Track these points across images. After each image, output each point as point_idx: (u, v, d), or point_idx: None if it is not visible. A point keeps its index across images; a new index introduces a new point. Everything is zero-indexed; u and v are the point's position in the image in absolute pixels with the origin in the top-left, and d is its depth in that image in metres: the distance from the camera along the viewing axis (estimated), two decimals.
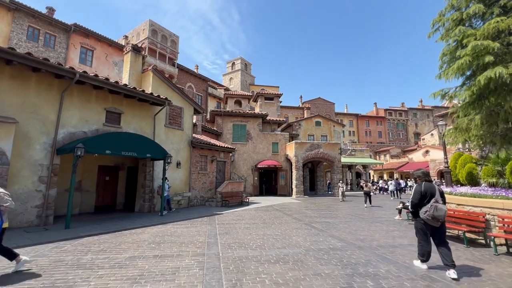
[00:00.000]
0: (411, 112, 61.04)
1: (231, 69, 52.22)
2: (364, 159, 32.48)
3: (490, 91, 7.89)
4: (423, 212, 4.44)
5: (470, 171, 13.09)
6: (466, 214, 7.56)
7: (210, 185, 15.41)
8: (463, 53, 7.69)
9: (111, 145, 9.01)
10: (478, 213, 7.14)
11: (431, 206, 4.37)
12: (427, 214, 4.37)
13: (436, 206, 4.35)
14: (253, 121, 23.41)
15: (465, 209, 7.91)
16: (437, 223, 4.38)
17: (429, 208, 4.37)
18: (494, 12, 7.99)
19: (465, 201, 8.03)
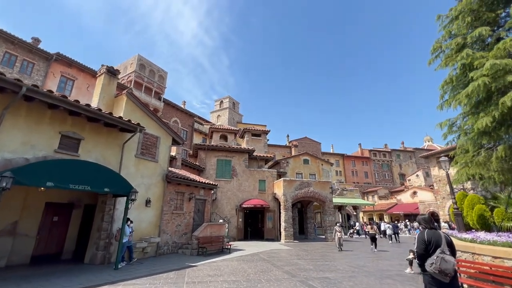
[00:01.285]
0: (395, 154, 61.76)
1: (219, 107, 52.14)
2: (355, 199, 30.83)
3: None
4: (429, 264, 3.87)
5: (481, 213, 11.62)
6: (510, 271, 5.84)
7: (186, 228, 13.00)
8: (478, 74, 6.79)
9: (57, 176, 7.01)
10: None
11: (437, 257, 3.83)
12: (433, 267, 3.79)
13: (443, 257, 3.79)
14: (239, 157, 21.80)
15: (505, 264, 6.20)
16: (446, 278, 3.72)
17: (435, 260, 3.82)
18: (500, 35, 7.42)
19: (506, 253, 6.36)
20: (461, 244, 7.92)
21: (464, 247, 7.68)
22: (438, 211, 34.31)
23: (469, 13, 8.15)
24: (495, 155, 7.45)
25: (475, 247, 7.22)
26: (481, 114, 7.34)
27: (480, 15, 8.08)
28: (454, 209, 11.34)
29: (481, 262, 6.80)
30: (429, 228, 4.19)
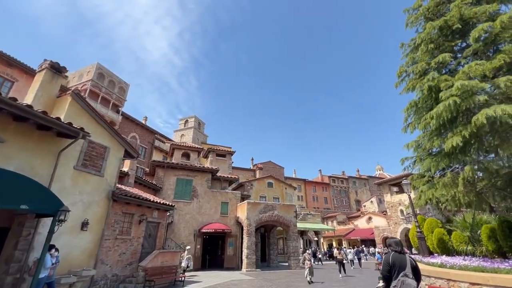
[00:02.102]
0: (351, 180, 64.68)
1: (183, 126, 50.05)
2: (317, 224, 30.54)
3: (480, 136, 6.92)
4: (392, 287, 4.00)
5: (440, 237, 11.68)
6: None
7: (132, 257, 10.87)
8: (448, 94, 6.87)
9: None
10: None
11: (398, 280, 3.97)
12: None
13: (404, 280, 3.92)
14: (201, 177, 20.19)
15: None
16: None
17: (397, 283, 3.96)
18: (461, 62, 7.84)
19: (483, 279, 5.99)
20: (433, 270, 7.51)
21: (437, 273, 7.25)
22: (391, 236, 35.67)
23: (430, 42, 8.61)
24: (462, 175, 7.44)
25: (451, 273, 6.82)
26: (449, 134, 7.41)
27: (440, 44, 8.56)
28: (417, 233, 11.25)
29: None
30: (397, 252, 4.30)
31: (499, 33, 7.14)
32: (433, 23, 8.40)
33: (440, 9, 9.47)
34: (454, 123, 7.60)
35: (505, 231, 9.28)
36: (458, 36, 8.49)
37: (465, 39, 8.31)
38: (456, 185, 7.81)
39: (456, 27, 7.93)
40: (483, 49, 7.49)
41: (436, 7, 9.56)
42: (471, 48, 7.55)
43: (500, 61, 6.51)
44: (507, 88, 6.20)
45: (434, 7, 9.58)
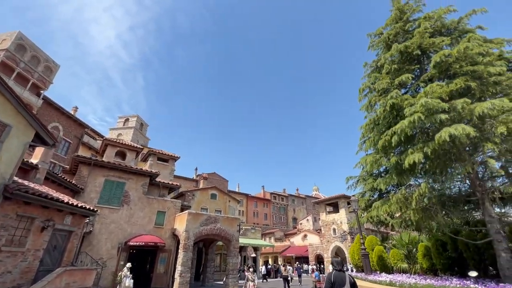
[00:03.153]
0: (291, 198, 66.77)
1: (123, 124, 44.47)
2: (258, 240, 29.55)
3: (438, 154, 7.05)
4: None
5: (380, 254, 11.87)
6: None
7: (22, 277, 7.86)
8: (413, 110, 6.90)
9: None
10: None
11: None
12: None
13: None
14: (137, 180, 17.34)
15: None
16: None
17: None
18: (419, 85, 8.21)
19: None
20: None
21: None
22: (323, 254, 37.02)
23: (392, 63, 8.96)
24: (417, 192, 7.50)
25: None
26: (410, 150, 7.47)
27: (400, 67, 8.96)
28: (362, 250, 11.20)
29: None
30: (337, 270, 4.65)
31: (452, 63, 7.74)
32: (398, 45, 8.80)
33: (397, 39, 10.14)
34: (412, 141, 7.82)
35: (439, 250, 9.76)
36: (415, 62, 9.07)
37: (422, 65, 8.91)
38: (409, 202, 7.88)
39: (416, 53, 8.44)
40: (438, 76, 8.01)
41: (394, 37, 10.23)
42: (429, 73, 8.04)
43: (457, 85, 6.93)
44: (463, 109, 6.52)
45: (393, 36, 10.25)
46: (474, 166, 6.79)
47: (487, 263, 8.13)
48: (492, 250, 8.16)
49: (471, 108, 6.42)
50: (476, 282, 6.74)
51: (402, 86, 8.78)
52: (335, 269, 4.67)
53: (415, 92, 8.51)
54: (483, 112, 6.19)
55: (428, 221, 9.03)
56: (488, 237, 7.60)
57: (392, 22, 10.24)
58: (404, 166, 7.97)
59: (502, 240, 7.23)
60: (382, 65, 9.46)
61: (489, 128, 6.38)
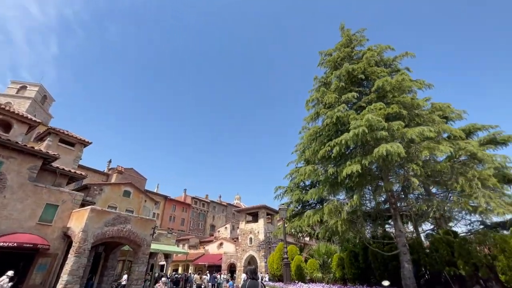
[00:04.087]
0: (212, 205, 65.02)
1: (15, 91, 34.72)
2: (172, 247, 26.84)
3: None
4: None
5: (299, 264, 12.03)
6: None
7: None
8: (358, 124, 7.15)
9: None
10: None
11: None
12: None
13: None
14: (22, 161, 13.17)
15: None
16: None
17: None
18: (361, 105, 8.78)
19: None
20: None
21: None
22: (236, 263, 36.75)
23: (341, 81, 9.45)
24: (350, 203, 7.75)
25: None
26: (348, 162, 7.72)
27: (346, 87, 9.51)
28: (284, 259, 11.06)
29: None
30: (251, 278, 4.76)
31: (388, 92, 8.64)
32: (347, 65, 9.36)
33: (344, 62, 10.92)
34: (350, 155, 8.22)
35: (351, 260, 10.42)
36: (358, 85, 9.84)
37: (363, 89, 9.72)
38: (339, 213, 8.11)
39: (360, 76, 9.16)
40: (376, 100, 8.78)
41: (341, 60, 10.99)
42: (369, 96, 8.76)
43: (393, 110, 7.66)
44: (398, 131, 7.18)
45: (340, 59, 11.00)
46: (391, 185, 7.53)
47: (390, 273, 9.06)
48: (395, 261, 9.14)
49: (403, 131, 7.16)
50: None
51: (346, 103, 9.37)
52: (249, 278, 4.79)
53: (355, 112, 9.18)
54: (412, 137, 6.95)
55: (351, 232, 9.60)
56: (396, 249, 8.48)
57: (342, 47, 11.05)
58: (340, 178, 8.27)
59: (406, 252, 8.14)
60: (330, 82, 10.03)
61: (413, 152, 7.21)
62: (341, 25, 12.29)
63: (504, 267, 6.62)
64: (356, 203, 7.62)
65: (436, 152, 6.59)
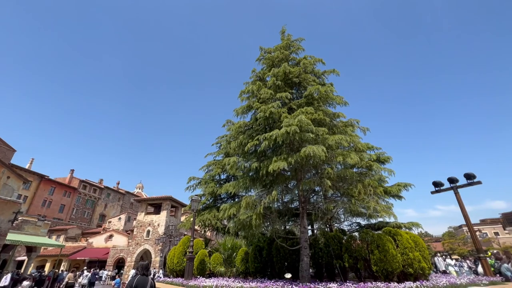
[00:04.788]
0: (106, 191, 56.13)
1: None
2: (40, 238, 21.17)
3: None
4: None
5: (203, 258, 11.49)
6: None
7: None
8: (290, 122, 7.24)
9: None
10: None
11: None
12: None
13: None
14: None
15: None
16: None
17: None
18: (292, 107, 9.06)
19: None
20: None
21: None
22: (127, 257, 32.81)
23: (277, 80, 9.56)
24: (268, 198, 7.76)
25: None
26: (274, 158, 7.73)
27: (281, 86, 9.70)
28: (189, 252, 10.28)
29: None
30: (141, 275, 4.66)
31: (315, 100, 9.33)
32: (286, 65, 9.57)
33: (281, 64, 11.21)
34: (275, 152, 8.34)
35: (256, 254, 10.71)
36: (291, 87, 10.24)
37: (296, 92, 10.17)
38: (255, 207, 8.06)
39: (294, 80, 9.55)
40: (305, 105, 9.30)
41: (279, 61, 11.24)
42: (300, 100, 9.23)
43: (319, 116, 8.25)
44: (322, 136, 7.75)
45: (278, 60, 11.24)
46: (309, 184, 8.10)
47: (289, 266, 9.73)
48: (294, 255, 9.88)
49: (325, 137, 7.80)
50: (290, 283, 7.65)
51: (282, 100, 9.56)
52: (139, 274, 4.64)
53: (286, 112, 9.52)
54: (331, 143, 7.65)
55: (263, 227, 9.77)
56: (298, 245, 9.15)
57: (281, 49, 11.33)
58: (262, 173, 8.27)
59: (307, 247, 8.89)
60: (265, 79, 10.13)
61: (330, 157, 7.95)
62: (283, 29, 12.67)
63: (377, 260, 8.10)
64: (274, 199, 7.77)
65: (348, 159, 7.45)
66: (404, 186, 12.35)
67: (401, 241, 8.38)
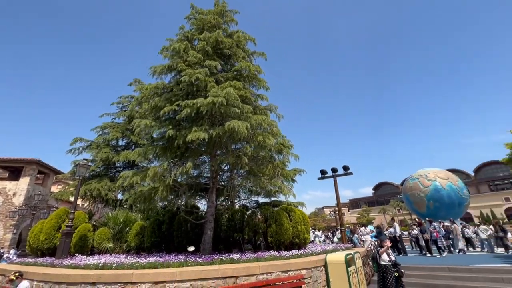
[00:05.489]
0: None
1: None
2: None
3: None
4: None
5: (84, 233, 9.73)
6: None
7: None
8: (218, 93, 6.72)
9: None
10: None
11: None
12: None
13: None
14: None
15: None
16: None
17: None
18: (218, 78, 8.47)
19: (172, 275, 5.38)
20: (93, 274, 5.56)
21: (107, 277, 5.43)
22: None
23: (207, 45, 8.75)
24: (182, 169, 7.10)
25: (134, 274, 5.45)
26: (194, 128, 7.07)
27: (210, 54, 8.97)
28: (67, 227, 8.38)
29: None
30: None
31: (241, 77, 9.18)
32: (220, 32, 8.84)
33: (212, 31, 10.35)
34: (197, 121, 7.66)
35: (155, 229, 9.96)
36: (220, 58, 9.61)
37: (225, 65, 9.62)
38: (165, 178, 7.29)
39: (225, 51, 9.00)
40: (231, 79, 8.94)
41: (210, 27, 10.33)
42: (228, 73, 8.81)
43: (246, 93, 8.16)
44: (247, 113, 7.71)
45: (210, 26, 10.32)
46: (229, 159, 8.00)
47: (191, 239, 9.49)
48: (197, 229, 9.75)
49: (250, 116, 7.80)
50: (194, 255, 7.46)
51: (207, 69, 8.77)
52: None
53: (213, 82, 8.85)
54: (253, 122, 7.74)
55: (170, 200, 8.99)
56: (203, 219, 9.04)
57: (215, 14, 10.40)
58: (177, 143, 7.52)
59: (212, 221, 8.90)
60: (193, 41, 9.06)
61: (250, 136, 8.05)
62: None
63: (273, 232, 9.07)
64: (188, 171, 7.23)
65: (266, 140, 7.78)
66: (299, 172, 14.27)
67: (294, 216, 9.71)
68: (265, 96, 10.01)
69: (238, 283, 5.90)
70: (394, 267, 6.35)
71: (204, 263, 6.51)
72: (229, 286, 5.72)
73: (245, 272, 6.10)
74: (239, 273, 6.03)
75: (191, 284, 5.54)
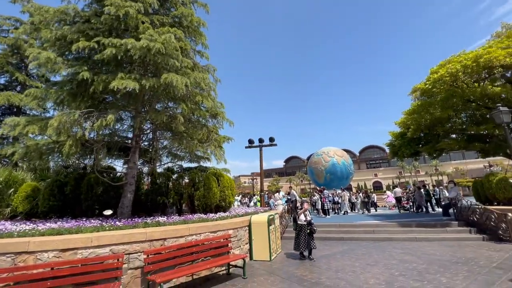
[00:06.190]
0: None
1: None
2: None
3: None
4: None
5: None
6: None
7: None
8: (153, 38, 5.55)
9: None
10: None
11: None
12: None
13: None
14: None
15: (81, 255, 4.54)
16: None
17: None
18: (155, 23, 6.97)
19: (85, 240, 4.66)
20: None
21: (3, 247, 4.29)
22: None
23: None
24: (100, 122, 5.81)
25: (30, 242, 4.46)
26: (120, 74, 5.76)
27: None
28: None
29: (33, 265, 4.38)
30: None
31: (182, 27, 8.02)
32: None
33: None
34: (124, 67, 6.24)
35: (54, 191, 8.32)
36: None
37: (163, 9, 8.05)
38: (72, 129, 5.87)
39: None
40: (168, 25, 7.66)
41: None
42: (165, 18, 7.46)
43: (187, 46, 7.19)
44: (187, 68, 6.84)
45: None
46: (160, 116, 7.05)
47: (102, 202, 8.30)
48: (112, 192, 8.62)
49: (188, 72, 6.98)
50: (112, 219, 6.58)
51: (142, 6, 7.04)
52: None
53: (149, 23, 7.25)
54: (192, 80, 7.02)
55: (76, 157, 7.35)
56: (122, 181, 8.00)
57: None
58: (93, 89, 6.07)
59: (133, 183, 7.99)
60: None
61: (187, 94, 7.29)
62: None
63: (200, 196, 8.95)
64: (110, 124, 6.01)
65: (204, 101, 7.27)
66: (227, 139, 14.33)
67: (222, 181, 9.83)
68: (206, 54, 9.18)
69: (165, 245, 5.67)
70: (308, 225, 7.48)
71: (126, 227, 5.89)
72: (156, 248, 5.43)
73: (174, 234, 5.89)
74: (168, 235, 5.78)
75: (111, 249, 4.95)
